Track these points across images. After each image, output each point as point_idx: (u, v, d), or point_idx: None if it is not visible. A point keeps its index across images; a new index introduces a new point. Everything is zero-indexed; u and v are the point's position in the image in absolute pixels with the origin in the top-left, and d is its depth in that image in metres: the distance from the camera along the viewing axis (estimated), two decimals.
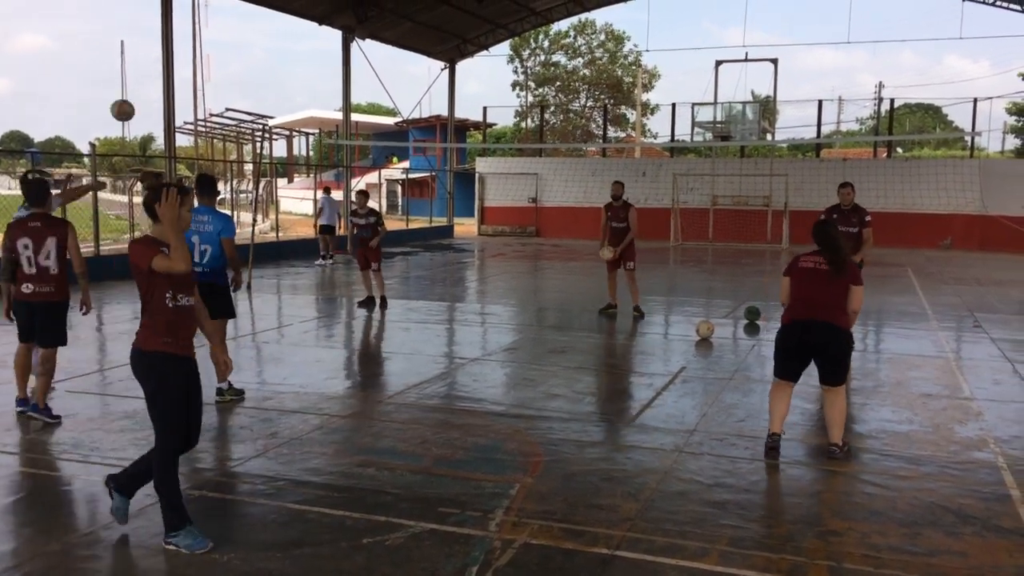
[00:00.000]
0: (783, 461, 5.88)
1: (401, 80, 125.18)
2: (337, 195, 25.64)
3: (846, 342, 5.78)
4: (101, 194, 35.98)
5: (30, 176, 6.95)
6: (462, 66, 32.48)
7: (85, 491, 5.26)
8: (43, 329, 6.61)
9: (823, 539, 4.60)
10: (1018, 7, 25.99)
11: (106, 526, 4.61)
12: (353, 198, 14.42)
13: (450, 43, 30.30)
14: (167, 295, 4.26)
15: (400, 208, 39.02)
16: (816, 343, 5.76)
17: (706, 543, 4.49)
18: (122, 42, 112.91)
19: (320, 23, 24.83)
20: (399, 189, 44.22)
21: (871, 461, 5.92)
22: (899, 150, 47.87)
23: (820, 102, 29.80)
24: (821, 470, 5.77)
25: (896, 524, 4.79)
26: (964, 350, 10.05)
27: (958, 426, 6.75)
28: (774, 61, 28.66)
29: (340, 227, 21.29)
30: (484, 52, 31.98)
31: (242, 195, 35.73)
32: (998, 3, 26.21)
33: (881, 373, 8.80)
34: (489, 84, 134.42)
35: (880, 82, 54.67)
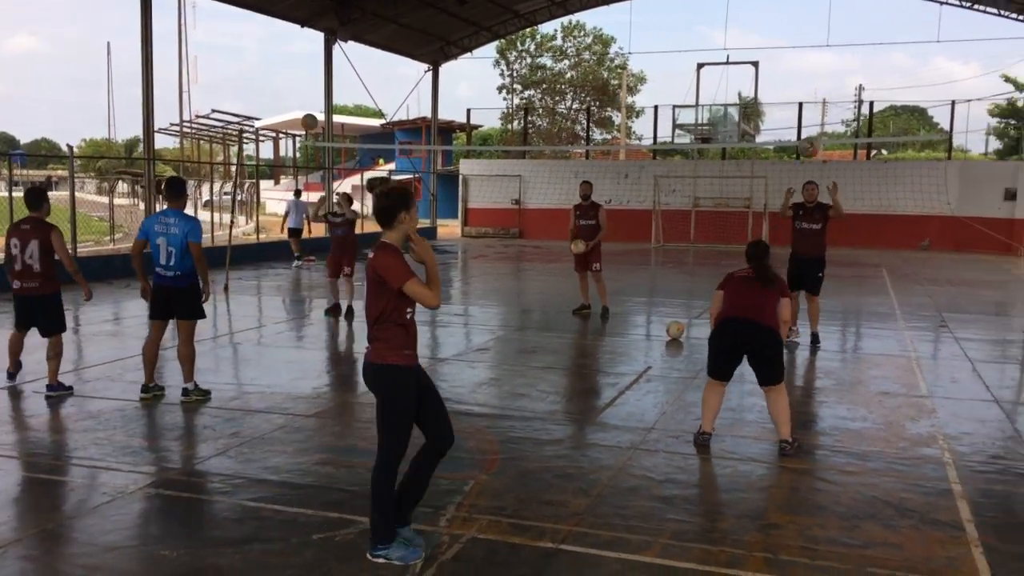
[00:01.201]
0: (734, 457, 6.01)
1: (393, 81, 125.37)
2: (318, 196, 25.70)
3: (777, 341, 6.03)
4: (86, 196, 35.94)
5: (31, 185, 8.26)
6: (454, 69, 32.69)
7: (37, 490, 5.32)
8: (39, 320, 7.50)
9: (764, 532, 4.72)
10: (994, 10, 26.27)
11: (59, 524, 4.69)
12: (335, 200, 14.01)
13: (433, 45, 30.38)
14: (408, 310, 4.27)
15: None
16: (749, 342, 6.01)
17: (650, 536, 4.60)
18: (108, 43, 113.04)
19: (303, 25, 24.85)
20: None
21: (821, 457, 6.06)
22: (884, 152, 48.20)
23: (800, 104, 29.98)
24: (771, 466, 5.90)
25: (836, 517, 4.92)
26: (927, 349, 10.20)
27: (910, 423, 6.89)
28: (755, 64, 28.82)
29: (307, 229, 21.63)
30: (468, 54, 32.05)
31: (226, 196, 35.74)
32: (975, 6, 26.48)
33: (843, 372, 8.95)
34: (480, 87, 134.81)
35: (860, 85, 55.06)
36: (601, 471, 5.70)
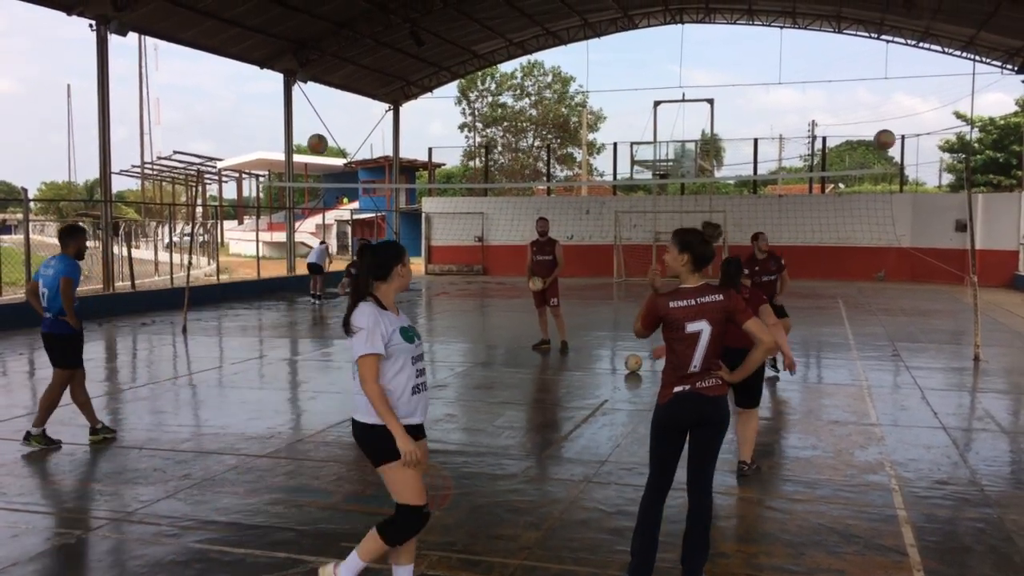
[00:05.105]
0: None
1: (363, 119, 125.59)
2: (281, 235, 25.71)
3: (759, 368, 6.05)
4: (47, 239, 35.43)
5: None
6: (425, 107, 33.03)
7: None
8: None
9: (711, 561, 4.74)
10: (938, 48, 27.13)
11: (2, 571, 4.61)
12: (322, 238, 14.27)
13: (393, 85, 30.61)
14: None
15: (350, 249, 39.04)
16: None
17: (597, 568, 4.63)
18: (68, 86, 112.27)
19: (261, 67, 24.94)
20: (348, 230, 44.25)
21: (771, 486, 6.13)
22: (842, 186, 49.19)
23: (756, 140, 30.70)
24: (722, 496, 5.93)
25: (783, 545, 4.99)
26: (878, 378, 10.36)
27: (859, 451, 7.00)
28: (710, 101, 29.43)
29: (327, 266, 21.75)
30: (428, 94, 32.33)
31: (187, 238, 35.52)
32: (920, 45, 27.33)
33: (795, 402, 9.07)
34: (453, 124, 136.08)
35: (813, 120, 56.29)
36: (553, 504, 5.72)
